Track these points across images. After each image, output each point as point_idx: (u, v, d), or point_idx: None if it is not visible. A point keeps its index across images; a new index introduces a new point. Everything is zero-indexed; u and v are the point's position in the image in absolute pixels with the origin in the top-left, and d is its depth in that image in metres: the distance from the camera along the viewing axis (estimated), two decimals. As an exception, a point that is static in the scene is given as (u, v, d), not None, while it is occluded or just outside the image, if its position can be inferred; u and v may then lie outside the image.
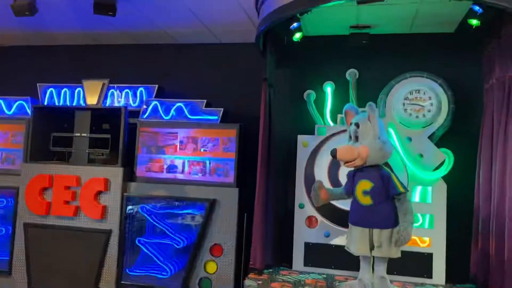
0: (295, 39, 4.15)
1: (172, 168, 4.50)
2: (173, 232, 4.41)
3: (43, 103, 5.02)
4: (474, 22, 3.57)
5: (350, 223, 3.47)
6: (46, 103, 5.02)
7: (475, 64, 4.00)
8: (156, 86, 4.79)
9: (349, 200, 3.57)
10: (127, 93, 4.84)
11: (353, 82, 4.40)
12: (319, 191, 3.55)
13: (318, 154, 4.23)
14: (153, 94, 4.78)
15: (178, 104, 4.60)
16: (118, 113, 4.56)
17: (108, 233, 4.41)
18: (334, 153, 3.31)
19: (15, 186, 4.71)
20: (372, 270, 3.43)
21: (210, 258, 4.28)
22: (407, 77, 4.12)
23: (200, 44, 5.05)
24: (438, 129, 4.03)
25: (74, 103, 4.95)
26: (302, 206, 4.21)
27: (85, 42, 5.32)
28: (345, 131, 3.63)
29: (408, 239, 3.21)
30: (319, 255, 4.13)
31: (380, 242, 3.27)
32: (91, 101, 4.89)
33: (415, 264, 3.91)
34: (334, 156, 3.32)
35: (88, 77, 4.94)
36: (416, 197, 4.01)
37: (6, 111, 5.03)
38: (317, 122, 4.40)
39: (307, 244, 4.17)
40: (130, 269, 4.44)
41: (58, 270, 4.48)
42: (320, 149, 4.23)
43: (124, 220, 4.44)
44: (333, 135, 4.21)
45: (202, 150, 4.47)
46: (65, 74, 5.18)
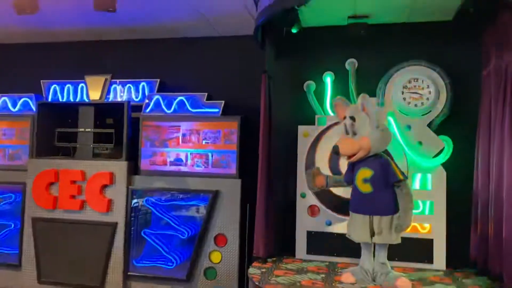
0: (294, 30, 4.19)
1: (177, 161, 4.57)
2: (177, 224, 4.49)
3: (47, 99, 5.10)
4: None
5: (351, 211, 3.53)
6: (50, 99, 5.10)
7: (473, 52, 4.03)
8: (158, 80, 4.86)
9: (349, 189, 3.62)
10: (129, 87, 4.92)
11: (352, 72, 4.43)
12: (315, 177, 3.62)
13: (318, 144, 4.28)
14: (155, 88, 4.85)
15: (180, 98, 4.66)
16: (121, 107, 4.63)
17: (114, 225, 4.50)
18: (336, 150, 3.34)
19: (22, 181, 4.80)
20: (373, 256, 3.51)
21: (215, 248, 4.37)
22: (405, 66, 4.15)
23: (200, 38, 5.09)
24: (437, 116, 4.07)
25: (78, 99, 5.04)
26: (304, 196, 4.27)
27: (86, 38, 5.36)
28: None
29: (408, 225, 3.29)
30: (321, 243, 4.19)
31: (380, 228, 3.33)
32: (94, 96, 4.96)
33: (416, 250, 3.97)
34: (337, 153, 3.36)
35: (90, 72, 5.02)
36: (416, 184, 4.06)
37: (11, 108, 5.12)
38: (317, 112, 4.44)
39: (310, 233, 4.24)
40: (137, 260, 4.54)
41: (66, 262, 4.58)
42: (321, 139, 4.28)
43: (130, 213, 4.53)
44: (333, 125, 4.25)
45: (204, 142, 4.54)
46: (67, 71, 5.24)
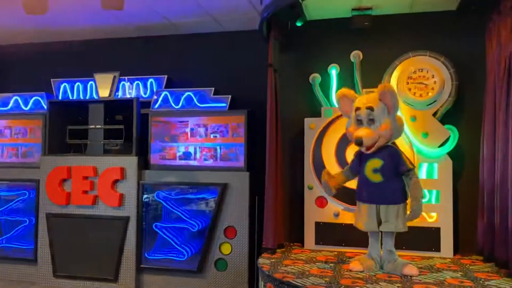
0: (298, 24, 4.23)
1: (186, 155, 4.66)
2: (188, 217, 4.58)
3: (58, 98, 5.21)
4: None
5: (358, 201, 3.57)
6: (60, 97, 5.21)
7: (477, 40, 4.02)
8: (165, 76, 4.94)
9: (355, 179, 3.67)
10: (138, 84, 5.00)
11: (357, 64, 4.46)
12: (328, 182, 3.63)
13: (325, 135, 4.32)
14: (162, 85, 4.93)
15: (187, 93, 4.74)
16: (130, 104, 4.73)
17: (126, 219, 4.61)
18: (360, 142, 3.33)
19: (36, 178, 4.93)
20: (381, 245, 3.56)
21: (225, 240, 4.45)
22: (410, 56, 4.18)
23: (205, 34, 5.16)
24: (442, 106, 4.09)
25: (87, 97, 5.14)
26: (311, 188, 4.33)
27: (94, 37, 5.46)
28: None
29: (420, 213, 3.32)
30: (330, 233, 4.25)
31: (387, 217, 3.37)
32: (103, 93, 5.06)
33: (424, 239, 4.01)
34: (360, 144, 3.34)
35: (99, 70, 5.11)
36: (422, 173, 4.10)
37: (23, 107, 5.24)
38: (323, 104, 4.49)
39: (318, 224, 4.30)
40: (149, 253, 4.65)
41: (81, 256, 4.70)
42: (327, 130, 4.32)
43: (141, 207, 4.63)
44: (339, 117, 4.29)
45: (212, 136, 4.62)
46: (77, 69, 5.33)
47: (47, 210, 4.83)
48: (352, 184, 3.79)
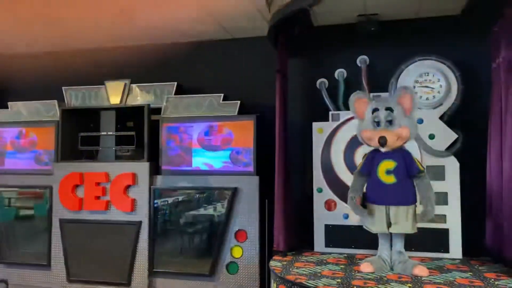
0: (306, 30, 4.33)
1: (197, 161, 4.73)
2: (199, 221, 4.64)
3: (70, 105, 5.29)
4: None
5: (369, 202, 3.61)
6: (72, 105, 5.29)
7: (483, 44, 4.07)
8: (175, 83, 5.02)
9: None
10: (148, 91, 5.08)
11: (364, 69, 4.54)
12: (355, 205, 3.61)
13: (333, 139, 4.39)
14: (172, 91, 5.01)
15: (197, 99, 4.82)
16: (141, 110, 4.81)
17: (138, 224, 4.68)
18: (384, 140, 3.36)
19: (49, 185, 5.01)
20: (391, 246, 3.61)
21: (236, 243, 4.51)
22: (416, 60, 4.24)
23: (214, 41, 5.25)
24: (449, 109, 4.16)
25: (99, 104, 5.21)
26: (320, 191, 4.39)
27: (106, 44, 5.56)
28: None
29: (433, 214, 3.37)
30: (339, 236, 4.30)
31: (397, 219, 3.43)
32: (115, 100, 5.14)
33: (433, 240, 4.06)
34: (384, 143, 3.38)
35: (110, 78, 5.19)
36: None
37: (36, 115, 5.31)
38: (331, 109, 4.56)
39: (327, 226, 4.35)
40: (161, 257, 4.69)
41: (94, 261, 4.77)
42: (335, 134, 4.39)
43: (153, 211, 4.70)
44: (346, 121, 4.36)
45: (221, 141, 4.68)
46: (88, 77, 5.41)
47: (60, 216, 4.91)
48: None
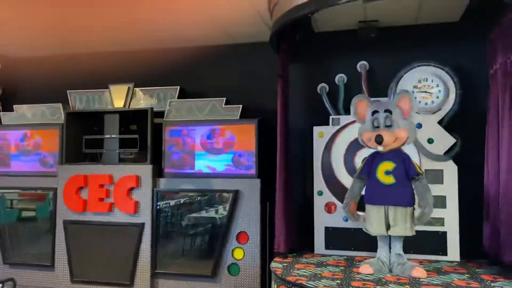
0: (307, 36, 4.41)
1: (199, 164, 4.80)
2: (201, 223, 4.71)
3: (74, 108, 5.37)
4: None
5: (367, 204, 3.67)
6: (76, 108, 5.37)
7: (480, 50, 4.15)
8: (178, 87, 5.09)
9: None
10: (152, 95, 5.16)
11: (364, 74, 4.62)
12: (349, 211, 3.78)
13: (333, 143, 4.47)
14: (175, 95, 5.08)
15: (199, 103, 4.90)
16: (144, 114, 4.88)
17: (141, 226, 4.75)
18: (381, 139, 3.44)
19: (53, 187, 5.08)
20: (390, 249, 3.68)
21: (237, 245, 4.58)
22: (415, 66, 4.32)
23: (217, 45, 5.32)
24: (447, 114, 4.24)
25: (103, 107, 5.29)
26: (320, 194, 4.46)
27: (110, 49, 5.64)
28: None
29: (430, 216, 3.48)
30: (339, 238, 4.37)
31: (396, 221, 3.50)
32: (118, 104, 5.22)
33: (431, 243, 4.12)
34: (381, 142, 3.45)
35: (114, 82, 5.27)
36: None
37: (40, 118, 5.38)
38: (331, 113, 4.63)
39: (327, 229, 4.42)
40: (163, 258, 4.76)
41: (97, 262, 4.83)
42: (335, 138, 4.46)
43: (156, 214, 4.77)
44: (347, 125, 4.44)
45: (223, 145, 4.76)
46: (92, 80, 5.49)
47: (64, 217, 4.98)
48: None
